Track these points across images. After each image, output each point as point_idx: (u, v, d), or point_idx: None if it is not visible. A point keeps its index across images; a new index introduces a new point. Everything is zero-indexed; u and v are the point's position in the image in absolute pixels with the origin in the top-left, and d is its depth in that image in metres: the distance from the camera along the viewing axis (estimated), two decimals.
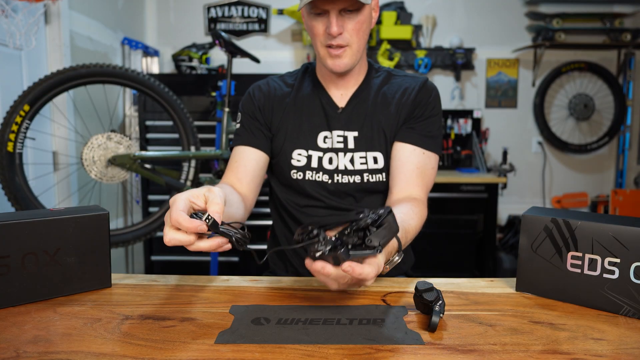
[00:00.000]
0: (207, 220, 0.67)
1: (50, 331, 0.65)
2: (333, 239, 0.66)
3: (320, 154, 1.12)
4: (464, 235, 3.16)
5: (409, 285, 0.85)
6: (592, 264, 0.73)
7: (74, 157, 2.34)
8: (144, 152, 1.82)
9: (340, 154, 1.11)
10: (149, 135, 2.87)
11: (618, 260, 0.71)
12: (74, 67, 1.65)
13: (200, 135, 2.18)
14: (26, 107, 1.58)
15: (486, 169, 3.27)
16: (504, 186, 3.24)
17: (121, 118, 3.04)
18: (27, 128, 1.61)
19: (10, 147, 1.58)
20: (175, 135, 2.40)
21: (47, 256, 0.76)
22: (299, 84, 1.18)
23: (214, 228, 0.68)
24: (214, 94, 2.79)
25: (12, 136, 1.58)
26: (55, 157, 2.26)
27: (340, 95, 1.14)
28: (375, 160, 1.11)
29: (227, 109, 2.12)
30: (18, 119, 1.57)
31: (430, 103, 1.12)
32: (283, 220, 1.21)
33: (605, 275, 0.72)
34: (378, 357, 0.58)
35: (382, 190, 1.14)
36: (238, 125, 1.17)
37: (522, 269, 0.80)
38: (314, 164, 1.12)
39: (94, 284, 0.81)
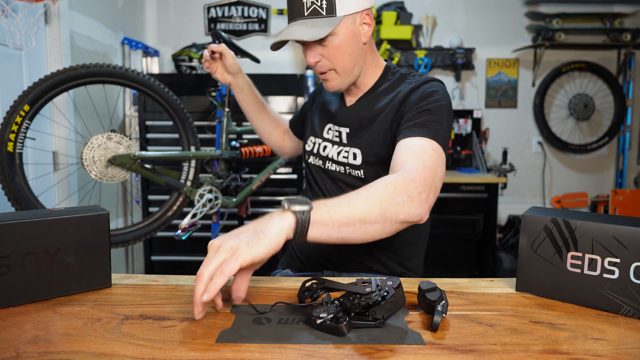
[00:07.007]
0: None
1: (50, 331, 0.65)
2: (336, 302, 0.68)
3: (320, 141, 1.24)
4: (463, 235, 3.16)
5: (410, 285, 0.85)
6: (592, 264, 0.73)
7: (74, 157, 2.34)
8: (144, 152, 1.82)
9: (335, 146, 1.20)
10: (149, 135, 2.87)
11: (618, 260, 0.71)
12: (74, 67, 1.65)
13: (200, 135, 2.18)
14: (26, 107, 1.58)
15: (486, 169, 3.27)
16: (504, 186, 3.24)
17: (121, 118, 3.04)
18: (27, 128, 1.61)
19: (10, 147, 1.58)
20: (175, 135, 2.41)
21: (47, 256, 0.76)
22: None
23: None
24: (214, 94, 2.78)
25: (12, 136, 1.57)
26: (55, 157, 2.26)
27: (354, 94, 1.21)
28: (355, 157, 1.14)
29: (227, 109, 2.12)
30: (18, 119, 1.57)
31: (419, 97, 1.03)
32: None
33: (605, 275, 0.72)
34: (378, 357, 0.58)
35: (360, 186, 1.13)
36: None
37: (522, 269, 0.80)
38: (315, 149, 1.25)
39: (94, 284, 0.81)
